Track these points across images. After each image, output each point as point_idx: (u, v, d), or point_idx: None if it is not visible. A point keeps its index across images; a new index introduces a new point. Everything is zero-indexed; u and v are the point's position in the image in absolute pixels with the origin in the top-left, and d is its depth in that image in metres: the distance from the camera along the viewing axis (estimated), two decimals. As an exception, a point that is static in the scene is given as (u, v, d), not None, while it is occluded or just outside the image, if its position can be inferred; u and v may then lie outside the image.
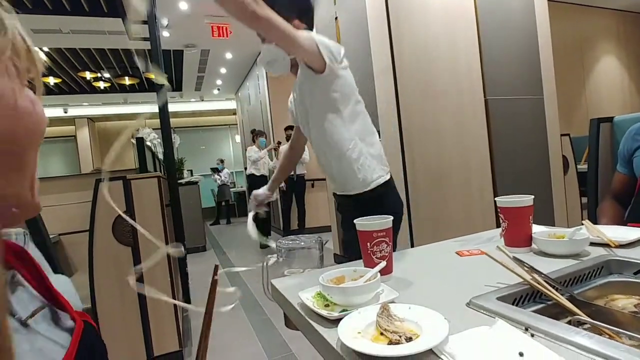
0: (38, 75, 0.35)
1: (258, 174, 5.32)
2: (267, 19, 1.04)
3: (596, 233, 0.92)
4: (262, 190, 1.55)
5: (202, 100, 10.24)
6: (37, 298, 0.40)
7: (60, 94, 8.25)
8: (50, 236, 2.32)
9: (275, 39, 1.15)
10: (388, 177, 1.35)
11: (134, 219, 2.00)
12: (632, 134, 1.37)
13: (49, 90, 7.81)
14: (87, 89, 8.32)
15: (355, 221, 0.84)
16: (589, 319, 0.61)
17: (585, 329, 0.57)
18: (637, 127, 1.37)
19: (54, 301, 0.41)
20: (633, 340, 0.54)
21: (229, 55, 6.63)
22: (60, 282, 0.44)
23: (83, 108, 9.43)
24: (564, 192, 2.72)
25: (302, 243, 1.12)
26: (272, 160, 5.59)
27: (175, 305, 2.09)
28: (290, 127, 4.50)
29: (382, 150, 1.36)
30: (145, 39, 3.55)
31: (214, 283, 0.66)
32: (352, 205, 1.36)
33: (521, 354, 0.47)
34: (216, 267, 0.69)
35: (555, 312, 0.64)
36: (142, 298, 2.00)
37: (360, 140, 1.29)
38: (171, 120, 3.23)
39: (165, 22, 4.93)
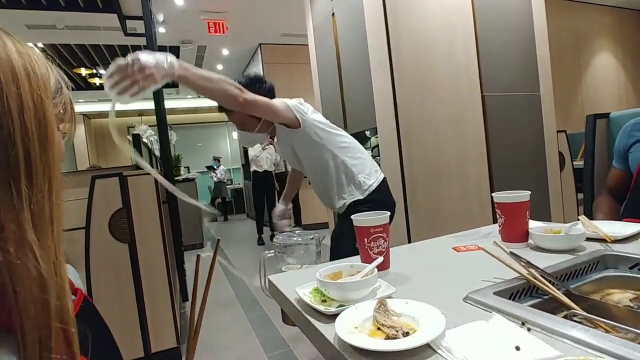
0: (72, 123, 0.52)
1: (261, 170, 5.34)
2: (254, 101, 1.35)
3: (592, 228, 0.93)
4: (279, 206, 1.81)
5: (199, 97, 10.19)
6: None
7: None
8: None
9: (261, 113, 1.44)
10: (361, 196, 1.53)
11: (130, 216, 1.99)
12: (628, 130, 1.38)
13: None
14: (83, 85, 8.25)
15: (352, 217, 0.84)
16: (585, 313, 0.61)
17: (581, 323, 0.58)
18: (633, 123, 1.38)
19: None
20: (628, 333, 0.54)
21: (225, 52, 6.59)
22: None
23: (79, 105, 9.34)
24: (560, 188, 2.73)
25: (299, 239, 1.12)
26: (275, 151, 5.54)
27: (172, 302, 2.09)
28: None
29: (365, 162, 1.57)
30: (141, 35, 3.52)
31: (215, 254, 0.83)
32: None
33: (518, 348, 0.47)
34: (218, 241, 0.87)
35: (552, 306, 0.65)
36: (139, 295, 2.00)
37: (346, 161, 1.53)
38: (168, 117, 3.21)
39: (161, 18, 4.89)
